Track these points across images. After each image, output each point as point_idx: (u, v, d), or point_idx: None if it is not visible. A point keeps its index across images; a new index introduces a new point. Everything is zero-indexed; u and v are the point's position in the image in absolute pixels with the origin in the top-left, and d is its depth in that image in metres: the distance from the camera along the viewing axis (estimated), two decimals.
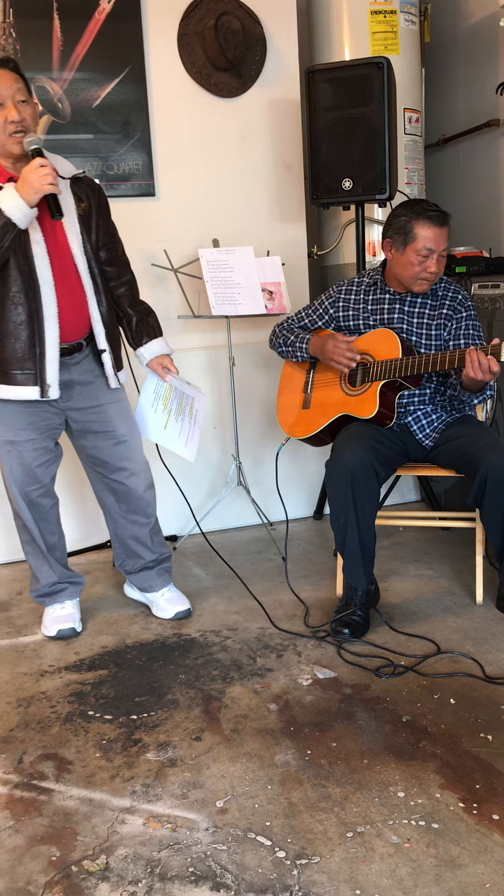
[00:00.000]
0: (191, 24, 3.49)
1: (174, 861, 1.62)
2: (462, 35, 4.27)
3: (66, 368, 2.47)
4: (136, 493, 2.68)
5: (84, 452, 2.66)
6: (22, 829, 1.74)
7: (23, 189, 2.24)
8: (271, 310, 3.35)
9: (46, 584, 2.70)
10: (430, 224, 2.56)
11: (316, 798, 1.79)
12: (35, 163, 2.25)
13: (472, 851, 1.60)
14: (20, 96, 2.31)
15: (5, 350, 2.38)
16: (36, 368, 2.39)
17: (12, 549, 3.43)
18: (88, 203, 2.48)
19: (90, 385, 2.55)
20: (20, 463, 2.51)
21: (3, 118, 2.29)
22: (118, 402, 2.62)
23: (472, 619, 2.65)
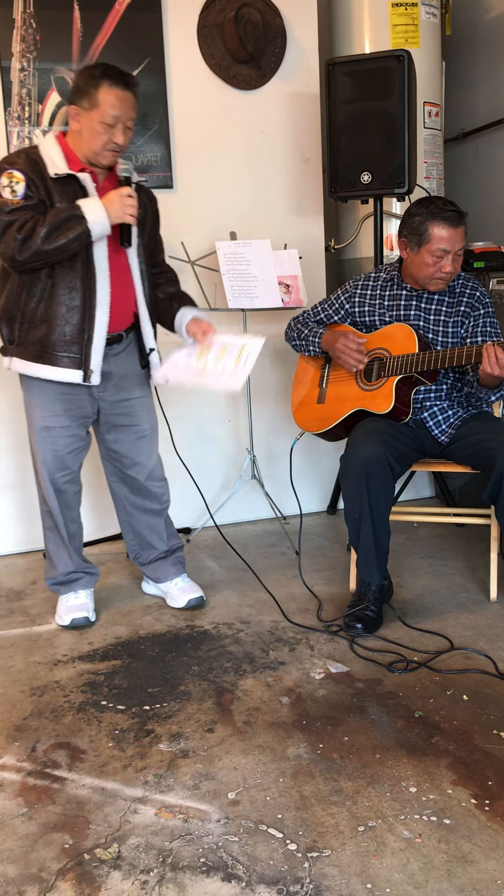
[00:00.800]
0: (211, 16, 3.48)
1: (186, 851, 1.62)
2: (483, 28, 4.23)
3: (105, 359, 2.52)
4: (149, 486, 2.72)
5: (105, 444, 2.70)
6: (35, 817, 1.75)
7: (109, 208, 2.34)
8: (288, 303, 3.35)
9: (63, 572, 2.72)
10: (445, 224, 2.54)
11: (328, 792, 1.79)
12: (124, 191, 2.36)
13: (483, 848, 1.60)
14: (130, 124, 2.40)
15: (54, 333, 2.42)
16: (82, 353, 2.45)
17: (26, 539, 3.45)
18: (144, 210, 2.56)
19: (125, 379, 2.61)
20: (53, 449, 2.56)
21: (109, 137, 2.37)
22: (146, 397, 2.69)
23: (485, 615, 2.64)
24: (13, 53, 3.26)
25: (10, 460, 3.39)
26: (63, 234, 2.30)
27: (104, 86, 2.33)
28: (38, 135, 3.33)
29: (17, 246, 2.29)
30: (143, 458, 2.69)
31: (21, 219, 2.30)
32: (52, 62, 3.30)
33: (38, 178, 2.35)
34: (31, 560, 3.38)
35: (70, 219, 2.30)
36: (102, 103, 2.33)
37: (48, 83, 3.32)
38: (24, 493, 3.41)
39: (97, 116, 2.34)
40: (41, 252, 2.30)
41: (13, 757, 1.98)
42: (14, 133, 3.30)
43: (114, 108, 2.33)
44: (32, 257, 2.31)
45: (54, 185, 2.36)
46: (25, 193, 2.32)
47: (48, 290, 2.41)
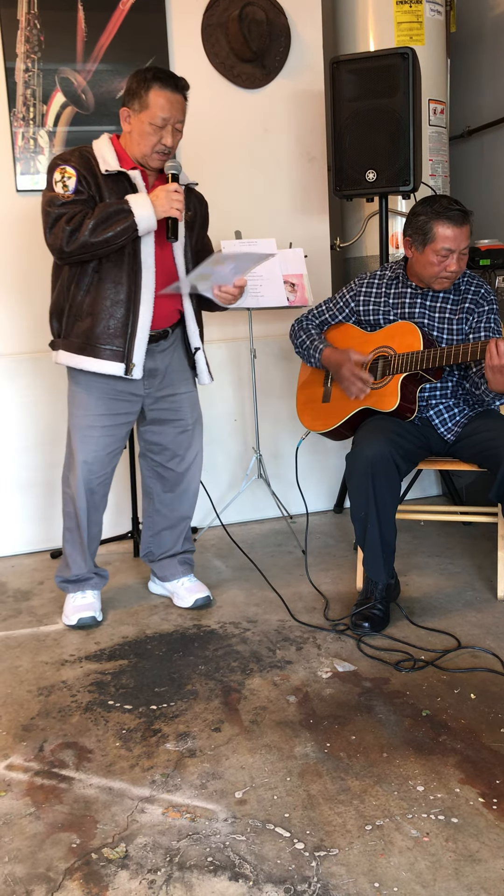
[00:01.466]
0: (214, 15, 3.48)
1: (193, 850, 1.62)
2: (488, 26, 4.22)
3: (151, 356, 2.56)
4: (185, 481, 2.75)
5: (145, 438, 2.73)
6: (43, 816, 1.75)
7: (155, 203, 2.37)
8: (293, 302, 3.34)
9: (76, 573, 2.72)
10: (450, 224, 2.53)
11: (335, 791, 1.79)
12: (171, 186, 2.39)
13: (491, 847, 1.59)
14: (179, 126, 2.44)
15: (98, 326, 2.46)
16: (125, 347, 2.47)
17: (34, 540, 3.45)
18: (194, 212, 2.61)
19: (171, 375, 2.64)
20: (93, 449, 2.58)
21: (158, 138, 2.41)
22: (192, 392, 2.72)
23: (493, 614, 2.64)
24: (17, 54, 3.27)
25: (21, 461, 3.39)
26: (110, 227, 2.33)
27: (154, 88, 2.38)
28: (42, 135, 3.33)
29: (65, 238, 2.34)
30: (184, 451, 2.72)
31: (70, 212, 2.36)
32: (57, 63, 3.31)
33: (90, 174, 2.41)
34: (38, 560, 3.38)
35: (117, 213, 2.34)
36: (152, 105, 2.38)
37: (52, 84, 3.32)
38: (34, 494, 3.41)
39: (147, 118, 2.39)
40: (88, 244, 2.34)
41: (21, 757, 1.98)
42: (19, 134, 3.31)
43: (163, 109, 2.38)
44: (80, 249, 2.35)
45: (105, 181, 2.42)
46: (76, 188, 2.39)
47: (95, 283, 2.46)
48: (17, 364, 3.36)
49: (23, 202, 3.36)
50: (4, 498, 3.40)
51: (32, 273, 3.39)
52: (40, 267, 3.36)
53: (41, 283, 3.39)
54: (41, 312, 3.44)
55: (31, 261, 3.38)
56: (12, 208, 3.36)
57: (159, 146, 2.42)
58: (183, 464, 2.73)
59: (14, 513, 3.42)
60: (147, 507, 2.84)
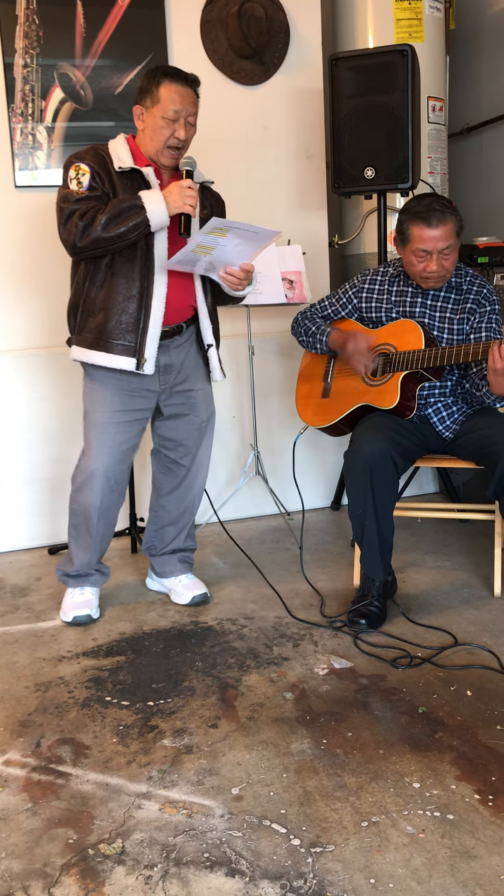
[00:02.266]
0: (214, 11, 3.47)
1: (189, 846, 1.63)
2: (487, 23, 4.22)
3: (166, 351, 2.56)
4: (193, 478, 2.76)
5: (159, 433, 2.74)
6: (40, 812, 1.76)
7: (168, 198, 2.37)
8: (291, 299, 3.34)
9: (77, 569, 2.72)
10: (423, 225, 2.53)
11: (331, 787, 1.79)
12: (185, 182, 2.40)
13: (487, 843, 1.60)
14: (192, 119, 2.45)
15: (110, 321, 2.47)
16: (136, 342, 2.48)
17: (32, 535, 3.46)
18: (210, 211, 2.60)
19: (188, 371, 2.65)
20: (110, 444, 2.58)
21: (171, 132, 2.42)
22: (206, 389, 2.73)
23: (489, 611, 2.64)
24: (16, 50, 3.26)
25: (21, 457, 3.39)
26: (122, 222, 2.34)
27: (164, 82, 2.40)
28: (41, 131, 3.33)
29: (78, 233, 2.35)
30: (197, 447, 2.73)
31: (83, 207, 2.37)
32: (55, 58, 3.30)
33: (104, 171, 2.43)
34: (36, 556, 3.38)
35: (129, 208, 2.35)
36: (163, 99, 2.40)
37: (51, 79, 3.31)
38: (33, 490, 3.42)
39: (159, 112, 2.41)
40: (100, 239, 2.35)
41: (18, 752, 1.99)
42: (17, 129, 3.30)
43: (174, 102, 2.40)
44: (92, 244, 2.36)
45: (119, 178, 2.43)
46: (90, 185, 2.40)
47: (108, 278, 2.47)
48: (18, 360, 3.36)
49: (21, 198, 3.36)
50: (3, 494, 3.40)
51: (32, 269, 3.39)
52: (40, 263, 3.37)
53: (41, 278, 3.39)
54: (42, 308, 3.44)
55: (30, 256, 3.38)
56: (11, 204, 3.36)
57: (172, 140, 2.43)
58: (193, 460, 2.74)
59: (13, 509, 3.42)
60: (154, 501, 2.85)
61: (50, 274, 3.36)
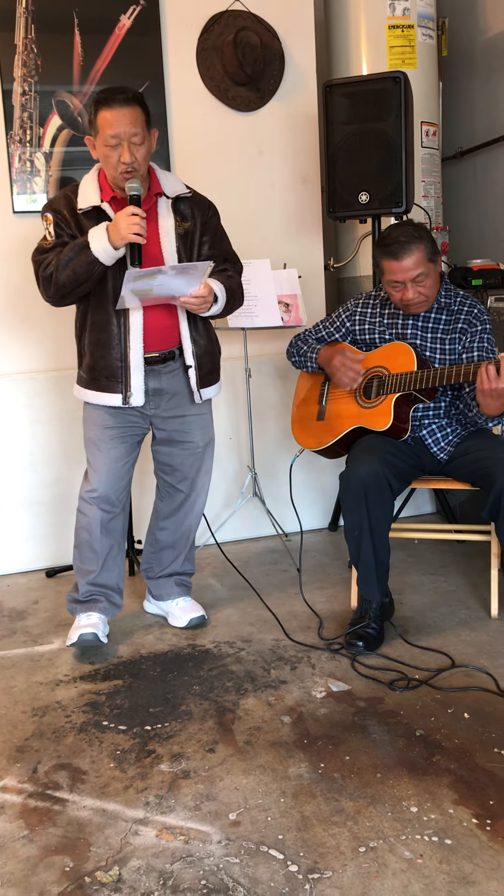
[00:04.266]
0: (210, 39, 3.53)
1: (186, 873, 1.62)
2: (479, 49, 4.28)
3: (157, 376, 2.57)
4: (191, 501, 2.75)
5: (156, 458, 2.75)
6: (36, 839, 1.75)
7: (112, 232, 2.35)
8: (287, 322, 3.37)
9: (84, 591, 2.67)
10: (389, 258, 2.58)
11: (329, 812, 1.79)
12: (128, 210, 2.34)
13: (485, 868, 1.59)
14: (136, 139, 2.38)
15: (96, 363, 2.52)
16: (121, 378, 2.51)
17: (30, 558, 3.46)
18: (192, 222, 2.56)
19: (179, 395, 2.64)
20: (106, 461, 2.60)
21: (117, 157, 2.39)
22: (203, 415, 2.71)
23: (487, 632, 2.64)
24: (15, 77, 3.31)
25: (20, 480, 3.40)
26: (70, 266, 2.37)
27: (100, 110, 2.38)
28: (38, 158, 3.37)
29: (44, 284, 2.42)
30: (194, 473, 2.72)
31: (48, 258, 2.42)
32: (53, 86, 3.35)
33: (70, 214, 2.45)
34: (33, 579, 3.38)
35: (77, 251, 2.36)
36: (101, 126, 2.38)
37: (49, 107, 3.36)
38: (32, 512, 3.42)
39: (101, 141, 2.40)
40: (60, 286, 2.40)
41: (14, 778, 1.98)
42: (16, 156, 3.34)
43: (111, 127, 2.36)
44: (58, 292, 2.42)
45: (84, 218, 2.45)
46: (56, 233, 2.45)
47: (88, 320, 2.52)
48: (18, 383, 3.37)
49: (19, 223, 3.39)
50: (2, 516, 3.40)
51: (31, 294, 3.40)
52: None
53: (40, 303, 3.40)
54: (41, 332, 3.46)
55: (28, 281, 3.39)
56: (9, 229, 3.39)
57: (119, 165, 2.39)
58: (191, 485, 2.73)
59: (10, 531, 3.42)
60: (152, 523, 2.85)
61: None
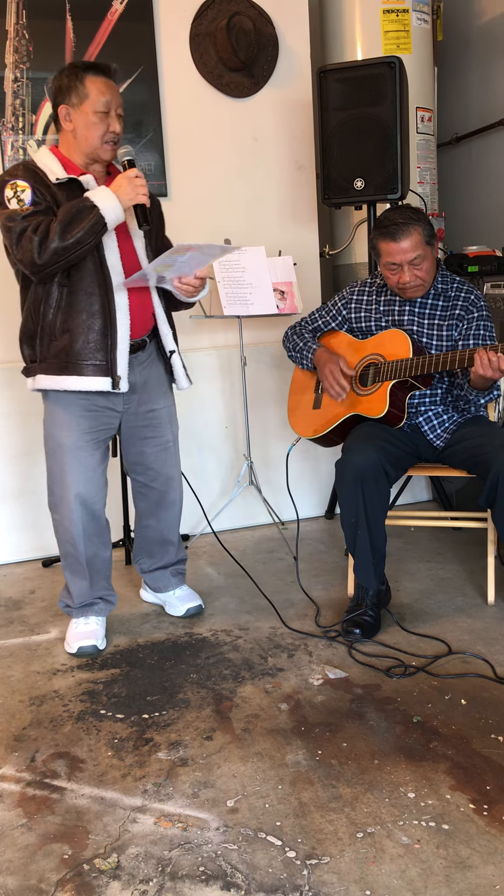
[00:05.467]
0: (203, 25, 3.50)
1: (185, 860, 1.63)
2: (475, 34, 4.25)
3: (130, 369, 2.46)
4: (169, 497, 2.70)
5: (129, 458, 2.66)
6: (34, 828, 1.75)
7: (119, 192, 2.29)
8: (283, 310, 3.36)
9: (78, 600, 2.62)
10: (387, 240, 2.57)
11: (326, 798, 1.79)
12: (131, 172, 2.31)
13: (482, 853, 1.60)
14: (121, 111, 2.38)
15: (77, 341, 2.37)
16: (107, 359, 2.39)
17: (25, 548, 3.45)
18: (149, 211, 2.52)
19: (149, 388, 2.58)
20: (86, 468, 2.47)
21: (106, 126, 2.35)
22: (170, 406, 2.66)
23: (483, 619, 2.65)
24: (6, 64, 3.28)
25: (9, 469, 3.39)
26: (78, 226, 2.23)
27: (89, 76, 2.33)
28: (31, 145, 3.34)
29: (35, 248, 2.24)
30: (167, 468, 2.66)
31: (34, 223, 2.26)
32: (46, 72, 3.32)
33: (42, 185, 2.32)
34: (29, 569, 3.38)
35: (81, 210, 2.25)
36: (92, 92, 2.32)
37: (42, 93, 3.33)
38: (23, 502, 3.41)
39: (89, 107, 2.33)
40: (60, 249, 2.24)
41: (12, 767, 1.98)
42: (8, 143, 3.32)
43: (103, 93, 2.32)
44: (53, 257, 2.25)
45: (59, 191, 2.34)
46: (33, 199, 2.30)
47: (65, 298, 2.36)
48: (5, 373, 3.36)
49: None
50: None
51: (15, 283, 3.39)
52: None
53: None
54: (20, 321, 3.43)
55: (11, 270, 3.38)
56: None
57: (108, 135, 2.35)
58: (165, 482, 2.67)
59: (4, 522, 3.42)
60: (136, 523, 2.80)
61: None
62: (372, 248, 2.68)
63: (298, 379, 2.98)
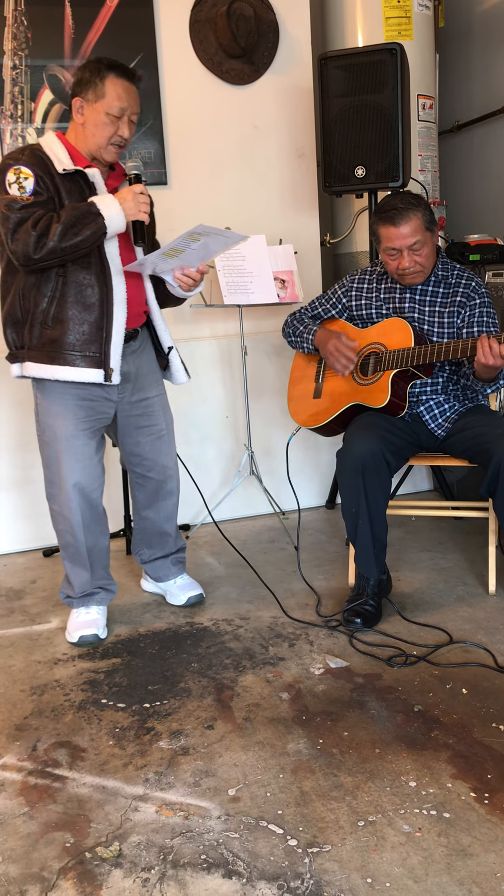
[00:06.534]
0: (203, 11, 3.47)
1: (186, 848, 1.63)
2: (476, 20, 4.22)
3: (123, 358, 2.46)
4: (167, 487, 2.70)
5: (125, 448, 2.65)
6: (36, 816, 1.76)
7: (123, 206, 2.31)
8: (283, 298, 3.34)
9: (80, 591, 2.61)
10: (387, 224, 2.56)
11: (327, 787, 1.80)
12: (137, 188, 2.33)
13: (483, 841, 1.60)
14: (135, 118, 2.39)
15: (70, 333, 2.35)
16: (101, 352, 2.37)
17: (26, 538, 3.45)
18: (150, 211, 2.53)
19: (142, 378, 2.57)
20: (82, 457, 2.47)
21: (115, 129, 2.34)
22: (162, 395, 2.66)
23: (484, 608, 2.65)
24: (5, 51, 3.26)
25: (9, 459, 3.39)
26: (81, 231, 2.24)
27: (111, 77, 2.31)
28: (30, 133, 3.32)
29: (32, 243, 2.22)
30: (162, 458, 2.65)
31: (34, 215, 2.24)
32: (45, 59, 3.30)
33: (46, 174, 2.29)
34: (30, 559, 3.38)
35: (86, 215, 2.25)
36: (109, 94, 2.31)
37: (40, 81, 3.31)
38: (24, 492, 3.41)
39: (103, 107, 2.32)
40: (57, 250, 2.23)
41: (14, 756, 1.98)
42: (7, 131, 3.30)
43: (120, 99, 2.32)
44: (48, 255, 2.24)
45: (62, 181, 2.32)
46: (34, 189, 2.27)
47: (60, 288, 2.34)
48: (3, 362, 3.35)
49: None
50: None
51: None
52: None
53: None
54: None
55: None
56: None
57: (116, 138, 2.35)
58: (162, 472, 2.66)
59: (5, 511, 3.42)
60: (135, 514, 2.79)
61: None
62: (372, 233, 2.67)
63: (298, 367, 2.97)
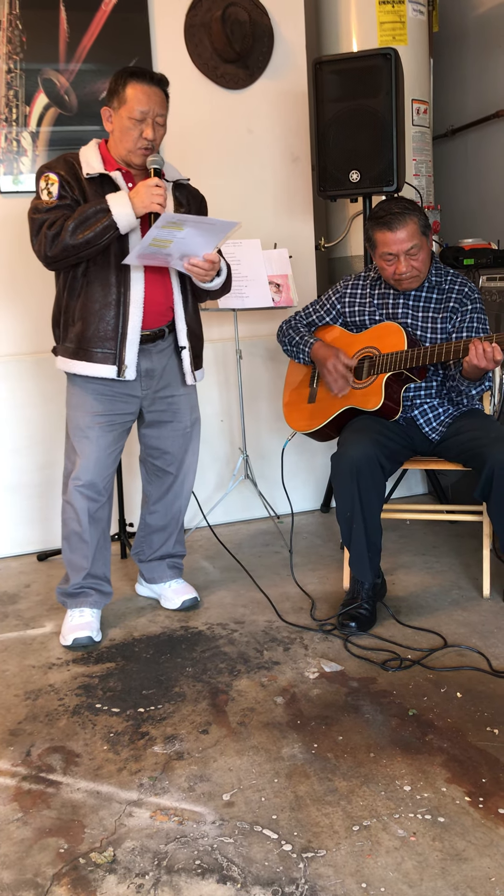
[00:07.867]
0: (197, 16, 3.48)
1: (181, 854, 1.63)
2: (471, 25, 4.23)
3: (148, 356, 2.55)
4: (183, 485, 2.74)
5: (145, 442, 2.72)
6: (30, 822, 1.75)
7: (135, 199, 2.35)
8: (278, 302, 3.35)
9: (75, 583, 2.63)
10: (384, 230, 2.56)
11: (322, 791, 1.79)
12: (151, 181, 2.37)
13: (477, 845, 1.60)
14: (160, 120, 2.45)
15: (88, 329, 2.46)
16: (116, 349, 2.47)
17: (20, 542, 3.44)
18: (187, 208, 2.60)
19: (170, 376, 2.63)
20: (94, 449, 2.55)
21: (139, 132, 2.41)
22: (190, 394, 2.71)
23: (478, 612, 2.65)
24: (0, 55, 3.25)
25: (9, 463, 3.38)
26: (89, 227, 2.33)
27: (131, 82, 2.40)
28: (25, 137, 3.32)
29: (48, 243, 2.35)
30: (184, 454, 2.72)
31: (52, 217, 2.36)
32: (39, 63, 3.30)
33: (74, 179, 2.42)
34: (24, 563, 3.37)
35: (96, 213, 2.34)
36: (130, 99, 2.39)
37: (35, 85, 3.31)
38: (21, 496, 3.40)
39: (126, 112, 2.40)
40: (69, 247, 2.34)
41: (8, 762, 1.98)
42: (1, 135, 3.30)
43: (140, 102, 2.39)
44: (62, 252, 2.35)
45: (89, 185, 2.42)
46: (59, 194, 2.40)
47: (84, 287, 2.46)
48: (4, 366, 3.35)
49: (6, 203, 3.35)
50: None
51: (17, 274, 3.38)
52: (25, 268, 3.35)
53: (26, 284, 3.38)
54: (27, 314, 3.43)
55: (15, 262, 3.37)
56: None
57: (141, 140, 2.42)
58: (180, 467, 2.72)
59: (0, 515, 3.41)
60: (143, 508, 2.83)
61: (35, 280, 3.35)
62: (367, 239, 2.67)
63: (293, 373, 2.97)
